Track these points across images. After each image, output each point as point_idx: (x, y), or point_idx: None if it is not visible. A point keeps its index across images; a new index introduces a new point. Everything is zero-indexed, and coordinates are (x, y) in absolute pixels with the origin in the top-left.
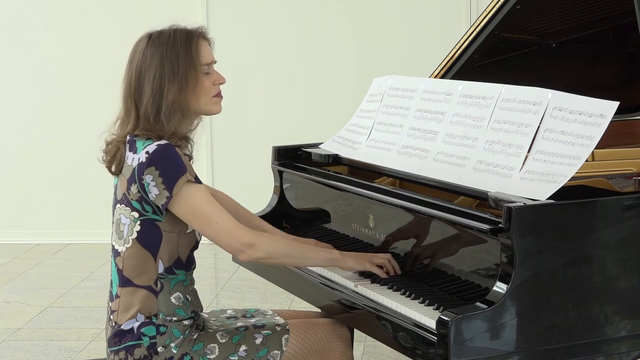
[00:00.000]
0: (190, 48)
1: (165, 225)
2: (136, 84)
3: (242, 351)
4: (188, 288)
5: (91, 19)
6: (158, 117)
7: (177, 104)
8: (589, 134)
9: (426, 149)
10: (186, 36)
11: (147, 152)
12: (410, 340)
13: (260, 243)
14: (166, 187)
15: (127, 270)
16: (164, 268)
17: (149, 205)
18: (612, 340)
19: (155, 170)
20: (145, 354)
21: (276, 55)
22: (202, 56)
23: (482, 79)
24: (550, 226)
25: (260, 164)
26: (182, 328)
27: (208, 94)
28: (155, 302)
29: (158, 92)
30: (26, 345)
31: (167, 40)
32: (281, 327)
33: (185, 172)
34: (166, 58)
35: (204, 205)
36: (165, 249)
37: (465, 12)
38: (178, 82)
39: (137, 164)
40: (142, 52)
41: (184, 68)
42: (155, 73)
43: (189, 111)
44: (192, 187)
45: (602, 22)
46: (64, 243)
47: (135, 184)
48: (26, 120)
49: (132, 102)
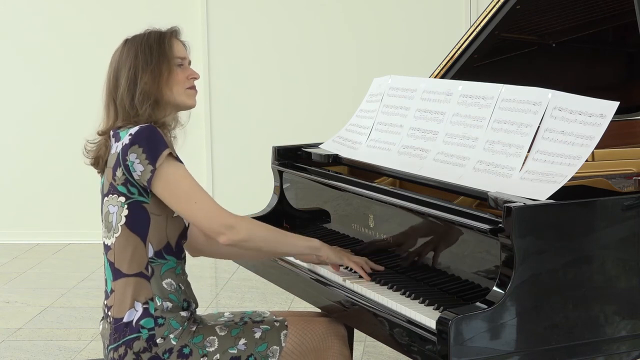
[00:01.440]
0: (163, 42)
1: (152, 208)
2: (114, 81)
3: (241, 344)
4: (180, 277)
5: (91, 19)
6: (132, 103)
7: (151, 92)
8: (589, 134)
9: (426, 149)
10: (159, 35)
11: (130, 134)
12: (410, 340)
13: (241, 225)
14: (150, 161)
15: (118, 259)
16: (153, 252)
17: (134, 187)
18: (612, 340)
19: (139, 148)
20: (144, 346)
21: (276, 55)
22: (175, 50)
23: (482, 79)
24: (550, 226)
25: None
26: (181, 319)
27: (182, 85)
28: (148, 286)
29: (132, 82)
30: (26, 345)
31: (140, 39)
32: (279, 322)
33: (167, 147)
34: (140, 52)
35: (184, 182)
36: (154, 232)
37: (465, 12)
38: (151, 71)
39: (121, 148)
40: (119, 53)
41: (157, 59)
42: (130, 66)
43: (162, 100)
44: (174, 163)
45: (602, 22)
46: (64, 243)
47: (120, 167)
48: (26, 120)
49: (110, 98)
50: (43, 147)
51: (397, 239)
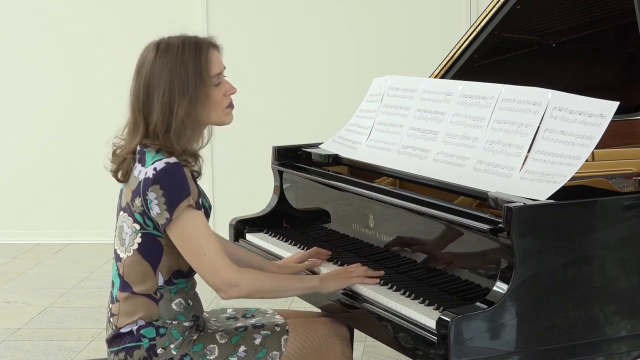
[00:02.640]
0: (199, 61)
1: (166, 241)
2: (145, 98)
3: (241, 352)
4: (189, 293)
5: (91, 19)
6: (168, 135)
7: (188, 119)
8: (589, 134)
9: (426, 149)
10: (195, 48)
11: (155, 169)
12: (410, 340)
13: (243, 283)
14: (167, 208)
15: (128, 277)
16: (163, 281)
17: (151, 220)
18: (612, 340)
19: (160, 190)
20: (144, 355)
21: (276, 56)
22: (212, 68)
23: (482, 79)
24: (550, 226)
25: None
26: (182, 329)
27: (220, 107)
28: (157, 309)
29: (168, 110)
30: (26, 345)
31: (175, 53)
32: (280, 327)
33: (189, 197)
34: (175, 74)
35: (197, 234)
36: (166, 262)
37: (465, 12)
38: (188, 98)
39: (143, 179)
40: (150, 64)
41: (194, 84)
42: (164, 90)
43: (199, 125)
44: (192, 213)
45: (602, 22)
46: (64, 243)
47: (139, 197)
48: (26, 120)
49: (140, 115)
50: (43, 147)
51: (397, 239)
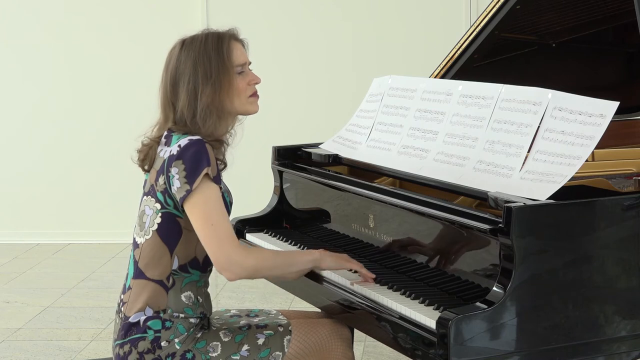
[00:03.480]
0: (222, 50)
1: (185, 223)
2: (172, 89)
3: (244, 351)
4: (201, 290)
5: (90, 18)
6: (194, 120)
7: (212, 106)
8: (589, 134)
9: (426, 149)
10: (217, 39)
11: (179, 146)
12: (410, 340)
13: (246, 262)
14: (188, 181)
15: (143, 261)
16: (178, 265)
17: (171, 199)
18: (612, 340)
19: (182, 164)
20: (148, 347)
21: (276, 56)
22: (235, 57)
23: (482, 79)
24: (550, 226)
25: (260, 164)
26: (188, 325)
27: (243, 95)
28: (165, 297)
29: (193, 96)
30: (26, 345)
31: (199, 44)
32: (283, 327)
33: (209, 166)
34: (199, 63)
35: (210, 203)
36: (183, 246)
37: (465, 12)
38: (212, 84)
39: (168, 156)
40: (176, 58)
41: (217, 71)
42: (189, 78)
43: (224, 112)
44: (208, 184)
45: (602, 22)
46: (64, 243)
47: (163, 175)
48: (26, 120)
49: (170, 107)
50: (43, 147)
51: (397, 239)
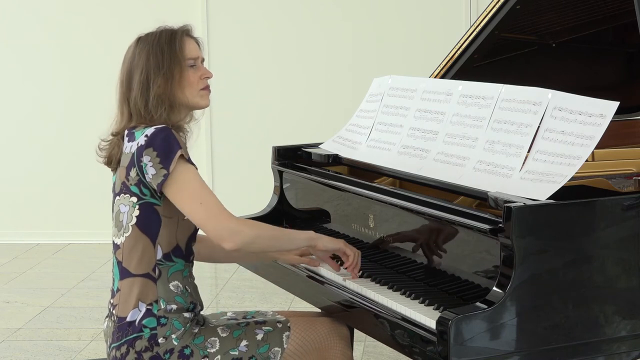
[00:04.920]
0: (174, 43)
1: (163, 210)
2: (127, 83)
3: (242, 346)
4: (187, 280)
5: (89, 18)
6: (147, 108)
7: (164, 95)
8: (589, 134)
9: (426, 149)
10: (170, 34)
11: (146, 135)
12: (410, 340)
13: (245, 229)
14: (163, 165)
15: (126, 259)
16: (162, 254)
17: (147, 188)
18: (612, 340)
19: (153, 151)
20: (146, 345)
21: (276, 56)
22: (187, 51)
23: (482, 79)
24: (550, 226)
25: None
26: (183, 320)
27: (195, 87)
28: (154, 288)
29: (145, 86)
30: (26, 345)
31: (152, 38)
32: (282, 324)
33: (181, 149)
34: (152, 54)
35: (193, 183)
36: (164, 234)
37: (465, 12)
38: (163, 74)
39: (136, 148)
40: (131, 53)
41: (168, 62)
42: (142, 69)
43: (176, 103)
44: (185, 165)
45: (602, 22)
46: (64, 243)
47: (134, 167)
48: (26, 120)
49: (124, 100)
50: (43, 147)
51: (397, 239)
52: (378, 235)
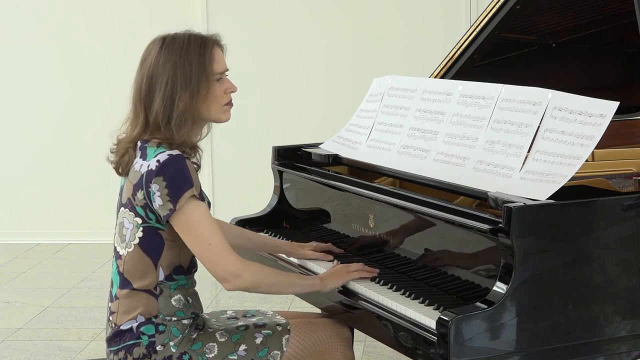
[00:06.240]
0: (204, 56)
1: (167, 235)
2: (147, 89)
3: (241, 350)
4: (189, 290)
5: (89, 18)
6: (169, 125)
7: (188, 112)
8: (589, 134)
9: (426, 149)
10: (200, 43)
11: (158, 161)
12: (410, 340)
13: (247, 274)
14: (171, 199)
15: (128, 273)
16: (164, 276)
17: (153, 213)
18: (612, 340)
19: (163, 181)
20: (144, 352)
21: (276, 55)
22: (216, 65)
23: (482, 79)
24: (550, 226)
25: (260, 164)
26: (182, 327)
27: (219, 103)
28: (156, 304)
29: (169, 100)
30: (26, 345)
31: (180, 46)
32: (282, 327)
33: (192, 187)
34: (179, 66)
35: (201, 224)
36: (166, 257)
37: (465, 12)
38: (190, 91)
39: (145, 171)
40: (154, 56)
41: (197, 77)
42: (167, 80)
43: (199, 119)
44: (195, 203)
45: (602, 22)
46: (64, 243)
47: (142, 190)
48: (26, 120)
49: (141, 106)
50: (43, 147)
51: (397, 239)
52: (378, 235)
